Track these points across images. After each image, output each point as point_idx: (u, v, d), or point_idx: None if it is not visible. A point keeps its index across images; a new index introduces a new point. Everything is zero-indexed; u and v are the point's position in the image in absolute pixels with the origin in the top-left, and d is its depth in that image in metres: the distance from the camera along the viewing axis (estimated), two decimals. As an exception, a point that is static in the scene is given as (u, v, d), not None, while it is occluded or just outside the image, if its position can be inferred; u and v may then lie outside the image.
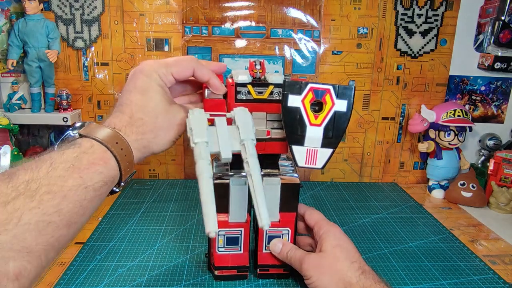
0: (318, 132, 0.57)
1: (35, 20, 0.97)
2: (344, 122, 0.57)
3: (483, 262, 0.77)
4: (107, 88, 1.08)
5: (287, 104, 0.56)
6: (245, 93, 0.60)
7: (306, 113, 0.57)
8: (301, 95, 0.56)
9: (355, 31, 1.07)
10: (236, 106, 0.59)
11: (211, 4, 1.03)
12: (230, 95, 0.60)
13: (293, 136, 0.57)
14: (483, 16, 1.09)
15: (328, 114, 0.57)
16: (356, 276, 0.55)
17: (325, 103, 0.57)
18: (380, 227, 0.90)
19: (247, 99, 0.60)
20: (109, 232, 0.83)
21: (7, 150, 0.75)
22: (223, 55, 1.06)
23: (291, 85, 0.56)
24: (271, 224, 0.60)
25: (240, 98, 0.60)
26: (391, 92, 1.12)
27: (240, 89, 0.60)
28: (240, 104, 0.59)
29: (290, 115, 0.57)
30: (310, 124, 0.57)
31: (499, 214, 1.01)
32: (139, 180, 1.13)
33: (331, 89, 0.56)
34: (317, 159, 0.58)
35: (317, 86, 0.56)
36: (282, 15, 1.05)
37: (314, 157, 0.58)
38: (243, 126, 0.53)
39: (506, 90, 1.16)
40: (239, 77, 0.59)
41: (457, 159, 1.11)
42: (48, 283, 0.66)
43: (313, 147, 0.58)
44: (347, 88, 0.56)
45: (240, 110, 0.56)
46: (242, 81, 0.59)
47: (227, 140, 0.52)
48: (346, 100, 0.56)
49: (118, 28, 1.04)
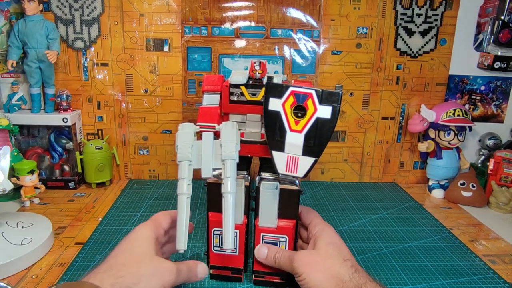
0: (298, 139, 0.54)
1: (34, 20, 0.97)
2: (328, 130, 0.53)
3: (483, 261, 0.77)
4: (107, 89, 1.08)
5: (268, 108, 0.54)
6: (238, 94, 0.58)
7: (287, 118, 0.54)
8: (281, 99, 0.53)
9: (355, 31, 1.07)
10: (229, 107, 0.58)
11: (210, 4, 1.03)
12: (224, 96, 0.59)
13: (273, 141, 0.55)
14: (482, 15, 1.09)
15: (309, 121, 0.53)
16: (349, 273, 0.54)
17: (307, 108, 0.53)
18: (380, 227, 0.89)
19: (240, 100, 0.59)
20: (109, 233, 0.83)
21: (7, 150, 0.75)
22: (222, 55, 1.06)
23: (272, 88, 0.54)
24: (268, 230, 0.61)
25: (233, 99, 0.59)
26: (391, 92, 1.12)
27: (234, 90, 0.58)
28: (233, 106, 0.59)
29: (271, 119, 0.54)
30: (290, 130, 0.54)
31: (499, 213, 1.01)
32: (139, 181, 1.13)
33: (313, 93, 0.52)
34: (298, 167, 0.55)
35: (299, 90, 0.53)
36: (281, 15, 1.05)
37: (295, 165, 0.55)
38: (226, 144, 0.53)
39: (506, 90, 1.16)
40: (233, 77, 0.58)
41: (457, 159, 1.11)
42: (48, 283, 0.66)
43: (294, 154, 0.55)
44: (333, 94, 0.52)
45: (227, 125, 0.55)
46: (235, 82, 0.58)
47: (209, 158, 0.53)
48: (331, 107, 0.52)
49: (117, 29, 1.04)
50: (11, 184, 0.77)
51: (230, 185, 0.51)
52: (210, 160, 0.53)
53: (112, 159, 1.11)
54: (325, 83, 1.10)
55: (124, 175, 1.14)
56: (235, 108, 0.60)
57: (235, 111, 0.60)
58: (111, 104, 1.09)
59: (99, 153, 1.04)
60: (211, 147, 0.53)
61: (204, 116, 0.58)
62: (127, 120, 1.10)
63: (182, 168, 0.51)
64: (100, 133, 1.11)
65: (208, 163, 0.52)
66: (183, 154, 0.52)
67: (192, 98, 1.09)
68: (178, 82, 1.08)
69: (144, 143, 1.12)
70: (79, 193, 1.04)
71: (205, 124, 0.56)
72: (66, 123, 1.02)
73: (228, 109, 0.61)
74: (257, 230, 0.62)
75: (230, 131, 0.54)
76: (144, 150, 1.13)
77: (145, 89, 1.08)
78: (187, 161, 0.51)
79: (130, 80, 1.07)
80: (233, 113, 0.61)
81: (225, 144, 0.53)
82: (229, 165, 0.52)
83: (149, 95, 1.08)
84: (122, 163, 1.13)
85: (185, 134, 0.53)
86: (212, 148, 0.53)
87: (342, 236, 0.84)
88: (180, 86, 1.08)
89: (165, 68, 1.07)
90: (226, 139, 0.53)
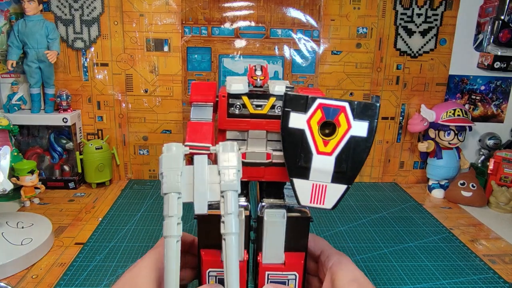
0: (328, 163, 0.44)
1: (34, 20, 0.97)
2: (363, 151, 0.43)
3: (483, 261, 0.77)
4: (107, 89, 1.08)
5: (288, 125, 0.43)
6: (240, 106, 0.48)
7: (313, 138, 0.44)
8: (306, 114, 0.43)
9: (355, 31, 1.07)
10: (227, 123, 0.48)
11: (210, 4, 1.03)
12: (221, 109, 0.48)
13: (294, 167, 0.45)
14: (482, 15, 1.09)
15: (342, 140, 0.44)
16: None
17: (338, 125, 0.43)
18: (380, 227, 0.89)
19: (242, 114, 0.48)
20: (109, 233, 0.83)
21: (7, 151, 0.75)
22: (222, 55, 1.06)
23: (294, 100, 0.43)
24: (275, 268, 0.51)
25: (232, 113, 0.48)
26: (391, 91, 1.12)
27: (233, 102, 0.48)
28: (233, 122, 0.48)
29: (292, 139, 0.44)
30: (318, 152, 0.44)
31: (499, 213, 1.01)
32: (139, 181, 1.13)
33: (347, 106, 0.43)
34: (326, 197, 0.45)
35: (329, 103, 0.43)
36: (281, 15, 1.05)
37: (322, 195, 0.46)
38: (225, 171, 0.42)
39: (506, 90, 1.16)
40: (233, 86, 0.48)
41: (457, 159, 1.11)
42: (48, 283, 0.66)
43: (321, 181, 0.45)
44: (369, 106, 0.43)
45: (225, 147, 0.44)
46: (236, 91, 0.48)
47: (204, 189, 0.42)
48: (367, 122, 0.43)
49: (117, 29, 1.04)
50: (11, 184, 0.77)
51: (233, 224, 0.40)
52: (205, 191, 0.42)
53: (112, 159, 1.11)
54: (325, 83, 1.10)
55: (124, 175, 1.14)
56: (235, 123, 0.49)
57: (235, 127, 0.50)
58: (111, 104, 1.09)
59: (99, 153, 1.04)
60: (206, 174, 0.42)
61: (195, 134, 0.47)
62: (127, 120, 1.10)
63: (170, 203, 0.40)
64: (100, 133, 1.11)
65: (202, 196, 0.42)
66: (170, 184, 0.41)
67: (192, 98, 1.09)
68: (178, 82, 1.08)
69: (144, 143, 1.12)
70: (79, 193, 1.04)
71: (196, 145, 0.45)
72: (66, 123, 1.02)
73: (226, 124, 0.49)
74: (261, 268, 0.51)
75: (229, 154, 0.44)
76: (144, 150, 1.13)
77: (145, 89, 1.08)
78: (176, 194, 0.41)
79: (130, 80, 1.07)
80: (233, 129, 0.50)
81: (224, 170, 0.42)
82: (230, 198, 0.41)
83: (149, 95, 1.08)
84: (122, 163, 1.13)
85: (172, 158, 0.42)
86: (207, 175, 0.43)
87: (342, 236, 0.85)
88: (180, 86, 1.08)
89: (165, 68, 1.07)
90: (225, 164, 0.43)
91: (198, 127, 0.48)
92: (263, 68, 0.50)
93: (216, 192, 0.42)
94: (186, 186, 0.42)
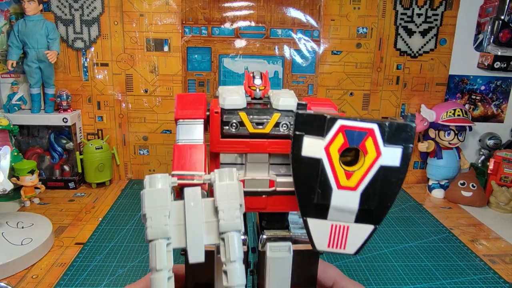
0: (351, 200, 0.36)
1: (34, 20, 0.97)
2: (395, 184, 0.35)
3: (483, 261, 0.77)
4: (107, 89, 1.08)
5: (301, 153, 0.34)
6: (236, 124, 0.39)
7: (333, 169, 0.35)
8: (324, 139, 0.34)
9: (355, 31, 1.07)
10: (221, 145, 0.40)
11: (210, 4, 1.03)
12: (213, 128, 0.39)
13: (309, 205, 0.36)
14: (482, 15, 1.09)
15: (369, 171, 0.35)
16: None
17: (365, 152, 0.35)
18: (380, 227, 0.89)
19: (240, 134, 0.40)
20: (109, 233, 0.83)
21: (7, 151, 0.75)
22: (222, 55, 1.06)
23: (308, 121, 0.34)
24: None
25: (228, 132, 0.39)
26: (391, 91, 1.12)
27: (229, 118, 0.39)
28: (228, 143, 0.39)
29: (306, 171, 0.35)
30: (339, 187, 0.35)
31: (499, 213, 1.01)
32: (139, 181, 1.13)
33: (376, 129, 0.34)
34: (348, 240, 0.37)
35: (353, 125, 0.34)
36: (281, 15, 1.05)
37: (343, 238, 0.38)
38: (225, 207, 0.34)
39: (506, 90, 1.16)
40: (227, 99, 0.39)
41: (457, 159, 1.11)
42: (48, 283, 0.66)
43: (343, 222, 0.37)
44: (404, 128, 0.34)
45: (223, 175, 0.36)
46: (231, 106, 0.39)
47: (199, 230, 0.34)
48: (401, 148, 0.34)
49: (117, 29, 1.04)
50: (11, 184, 0.77)
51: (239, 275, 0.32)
52: (201, 233, 0.34)
53: (112, 159, 1.11)
54: (325, 83, 1.10)
55: (124, 175, 1.14)
56: (231, 145, 0.40)
57: (231, 149, 0.41)
58: (111, 104, 1.09)
59: (99, 153, 1.04)
60: (200, 211, 0.35)
61: (184, 160, 0.39)
62: (127, 120, 1.10)
63: (157, 252, 0.33)
64: (100, 133, 1.11)
65: (197, 240, 0.34)
66: (156, 229, 0.33)
67: (192, 98, 1.09)
68: (178, 82, 1.08)
69: (144, 143, 1.12)
70: (79, 193, 1.04)
71: (186, 173, 0.37)
72: (66, 123, 1.02)
73: (220, 147, 0.40)
74: None
75: (228, 184, 0.36)
76: (144, 150, 1.13)
77: (145, 89, 1.08)
78: (164, 240, 0.33)
79: (130, 80, 1.07)
80: (228, 152, 0.41)
81: (223, 206, 0.34)
82: (233, 240, 0.33)
83: (149, 95, 1.08)
84: (122, 163, 1.13)
85: (157, 194, 0.34)
86: (202, 213, 0.35)
87: (342, 236, 0.85)
88: (180, 86, 1.08)
89: (165, 68, 1.07)
90: (224, 197, 0.35)
91: (186, 151, 0.39)
92: (263, 75, 0.42)
93: (214, 234, 0.34)
94: (176, 228, 0.34)
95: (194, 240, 0.34)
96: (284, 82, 1.09)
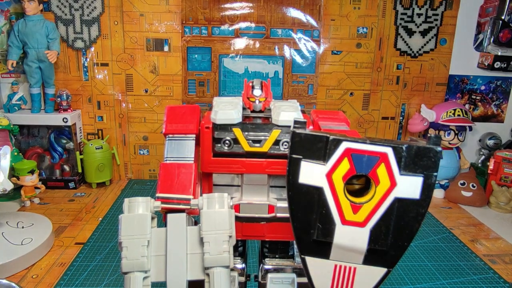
0: (359, 238, 0.30)
1: (34, 20, 0.97)
2: (413, 221, 0.29)
3: (483, 261, 0.77)
4: (107, 89, 1.08)
5: (298, 180, 0.29)
6: (230, 142, 0.35)
7: (336, 201, 0.29)
8: (326, 164, 0.28)
9: (355, 31, 1.07)
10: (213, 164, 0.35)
11: (210, 4, 1.03)
12: (204, 145, 0.35)
13: (307, 241, 0.30)
14: (483, 15, 1.09)
15: (381, 204, 0.29)
16: None
17: (376, 181, 0.29)
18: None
19: (233, 153, 0.35)
20: (109, 233, 0.83)
21: (7, 150, 0.75)
22: (222, 55, 1.06)
23: (306, 142, 0.28)
24: None
25: (220, 150, 0.35)
26: (391, 91, 1.12)
27: (221, 135, 0.35)
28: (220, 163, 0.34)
29: (303, 200, 0.30)
30: (344, 222, 0.30)
31: (499, 213, 1.01)
32: (139, 181, 1.13)
33: (390, 153, 0.28)
34: (355, 284, 0.32)
35: (361, 148, 0.28)
36: (281, 15, 1.05)
37: (349, 281, 0.32)
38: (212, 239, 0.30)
39: (506, 89, 1.16)
40: (220, 113, 0.34)
41: (457, 159, 1.11)
42: (48, 283, 0.66)
43: (348, 262, 0.31)
44: (426, 152, 0.28)
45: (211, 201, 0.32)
46: (224, 121, 0.34)
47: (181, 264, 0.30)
48: (421, 177, 0.28)
49: (117, 29, 1.04)
50: (11, 184, 0.77)
51: None
52: (183, 267, 0.30)
53: (112, 159, 1.11)
54: (325, 83, 1.10)
55: (124, 175, 1.14)
56: (223, 165, 0.36)
57: (224, 169, 0.36)
58: (111, 104, 1.09)
59: (99, 153, 1.04)
60: (184, 242, 0.31)
61: (170, 182, 0.35)
62: (127, 120, 1.10)
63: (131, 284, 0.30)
64: (100, 133, 1.11)
65: (179, 275, 0.30)
66: (131, 260, 0.30)
67: (192, 98, 1.09)
68: (178, 82, 1.08)
69: (144, 143, 1.12)
70: (79, 193, 1.04)
71: (172, 197, 0.33)
72: (66, 123, 1.02)
73: (212, 167, 0.36)
74: None
75: (217, 213, 0.31)
76: (144, 150, 1.13)
77: (145, 89, 1.08)
78: (140, 273, 0.30)
79: (130, 80, 1.07)
80: (221, 172, 0.37)
81: (209, 237, 0.30)
82: (219, 278, 0.30)
83: (149, 95, 1.08)
84: (122, 163, 1.13)
85: (136, 221, 0.31)
86: (186, 243, 0.31)
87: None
88: (180, 86, 1.08)
89: (165, 68, 1.07)
90: (212, 228, 0.31)
91: (174, 171, 0.34)
92: (263, 85, 0.37)
93: (198, 268, 0.30)
94: (156, 259, 0.31)
95: (175, 274, 0.30)
96: (284, 82, 1.09)
